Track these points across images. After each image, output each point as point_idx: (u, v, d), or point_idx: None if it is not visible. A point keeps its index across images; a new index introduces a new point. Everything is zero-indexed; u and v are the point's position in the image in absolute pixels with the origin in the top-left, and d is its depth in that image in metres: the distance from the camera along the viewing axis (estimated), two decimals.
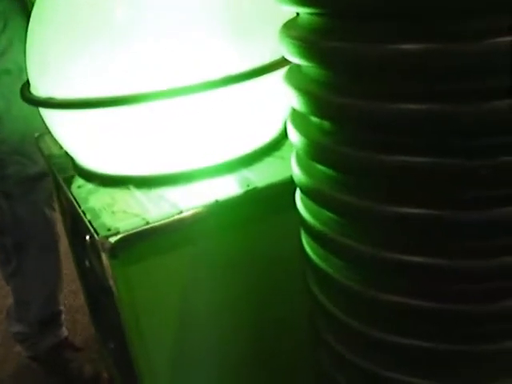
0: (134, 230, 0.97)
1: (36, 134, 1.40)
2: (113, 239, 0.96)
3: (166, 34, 1.02)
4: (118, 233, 0.97)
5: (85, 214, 1.04)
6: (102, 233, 0.98)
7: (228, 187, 1.06)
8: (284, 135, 1.17)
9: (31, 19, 1.16)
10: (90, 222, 1.01)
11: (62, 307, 1.81)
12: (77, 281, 1.81)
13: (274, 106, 1.13)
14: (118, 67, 1.01)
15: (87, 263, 1.27)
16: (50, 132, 1.34)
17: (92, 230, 1.00)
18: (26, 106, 1.49)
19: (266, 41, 1.07)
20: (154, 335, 1.07)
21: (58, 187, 1.33)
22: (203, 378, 1.11)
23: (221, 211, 1.02)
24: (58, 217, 1.70)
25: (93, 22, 1.04)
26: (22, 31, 1.49)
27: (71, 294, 1.92)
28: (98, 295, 1.34)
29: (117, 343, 1.33)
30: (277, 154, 1.14)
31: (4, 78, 1.48)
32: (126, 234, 0.97)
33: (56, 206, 1.69)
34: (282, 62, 1.06)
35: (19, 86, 1.47)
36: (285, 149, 1.15)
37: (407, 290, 0.74)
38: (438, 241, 0.71)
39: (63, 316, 1.82)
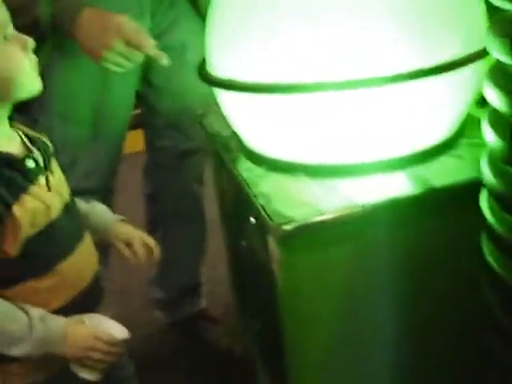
0: (308, 220, 0.97)
1: (199, 111, 1.42)
2: (287, 227, 0.96)
3: (353, 24, 1.00)
4: (292, 221, 0.97)
5: (256, 197, 1.05)
6: (276, 219, 0.98)
7: (401, 184, 1.04)
8: (461, 133, 1.13)
9: (211, 2, 1.17)
10: (262, 206, 1.02)
11: (202, 278, 1.85)
12: (217, 254, 1.85)
13: (452, 104, 1.09)
14: (300, 54, 1.01)
15: (243, 243, 1.29)
16: (214, 110, 1.38)
17: (265, 215, 1.00)
18: (184, 83, 1.54)
19: (455, 35, 1.03)
20: (312, 326, 1.07)
21: (220, 166, 1.35)
22: (356, 374, 1.11)
23: (395, 208, 1.00)
24: (206, 192, 1.75)
25: (279, 5, 1.04)
26: (189, 10, 1.53)
27: (211, 267, 1.96)
28: (251, 275, 1.36)
29: (265, 325, 1.35)
30: (453, 152, 1.10)
31: (168, 53, 1.51)
32: (300, 222, 0.97)
33: (204, 181, 1.73)
34: (466, 60, 1.03)
35: (180, 63, 1.52)
36: (462, 148, 1.11)
37: None
38: None
39: (203, 287, 1.87)
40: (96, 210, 1.19)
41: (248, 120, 1.13)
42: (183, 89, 1.55)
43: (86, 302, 1.07)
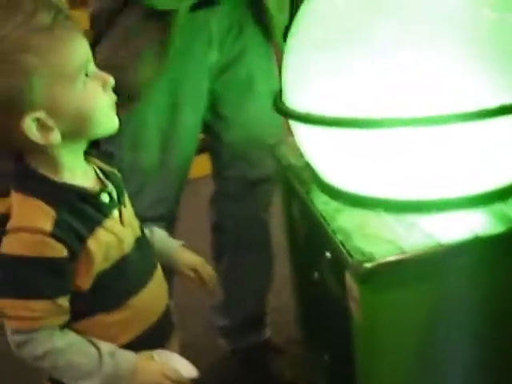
0: (389, 258, 0.96)
1: (271, 142, 1.42)
2: (368, 265, 0.95)
3: (430, 59, 0.98)
4: (373, 259, 0.95)
5: (335, 233, 1.04)
6: (356, 256, 0.97)
7: (483, 221, 1.01)
8: None
9: (292, 28, 1.17)
10: (341, 242, 1.01)
11: (267, 308, 1.84)
12: (281, 282, 1.84)
13: None
14: (380, 88, 1.00)
15: (316, 275, 1.28)
16: (286, 141, 1.38)
17: (344, 252, 0.99)
18: (253, 113, 1.54)
19: None
20: (387, 362, 1.05)
21: (292, 197, 1.35)
22: None
23: (477, 246, 0.98)
24: (272, 221, 1.74)
25: (357, 40, 1.03)
26: (257, 37, 1.53)
27: (274, 295, 1.94)
28: (321, 308, 1.34)
29: (335, 358, 1.33)
30: None
31: (235, 84, 1.52)
32: (381, 261, 0.95)
33: (271, 210, 1.73)
34: None
35: (249, 94, 1.52)
36: None
37: None
38: None
39: (268, 317, 1.86)
40: (157, 235, 1.18)
41: (325, 153, 1.12)
42: (252, 120, 1.55)
43: (156, 336, 1.07)
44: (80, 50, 0.92)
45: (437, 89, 0.98)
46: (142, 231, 1.08)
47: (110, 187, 1.02)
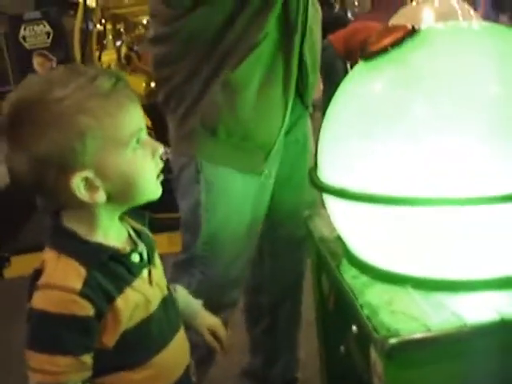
0: (414, 336, 0.96)
1: (305, 214, 1.45)
2: (392, 340, 0.95)
3: (463, 139, 1.01)
4: (398, 335, 0.96)
5: (362, 307, 1.05)
6: (381, 332, 0.97)
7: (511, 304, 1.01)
8: None
9: (330, 106, 1.22)
10: (368, 317, 1.02)
11: (300, 373, 1.83)
12: (304, 352, 1.83)
13: None
14: (413, 167, 1.02)
15: (342, 349, 1.28)
16: (320, 213, 1.40)
17: (369, 327, 1.00)
18: (305, 174, 1.58)
19: None
20: None
21: (322, 269, 1.36)
22: None
23: (504, 328, 0.97)
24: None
25: (388, 117, 1.07)
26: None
27: (301, 366, 1.94)
28: (346, 382, 1.33)
29: None
30: None
31: (292, 146, 1.57)
32: (406, 337, 0.96)
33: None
34: None
35: (303, 154, 1.57)
36: None
37: None
38: None
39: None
40: (179, 293, 1.21)
41: (356, 228, 1.14)
42: (304, 179, 1.58)
43: None
44: (135, 117, 0.97)
45: (468, 171, 1.00)
46: (169, 290, 1.10)
47: (141, 247, 1.05)
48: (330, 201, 1.19)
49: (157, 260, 1.09)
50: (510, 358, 0.99)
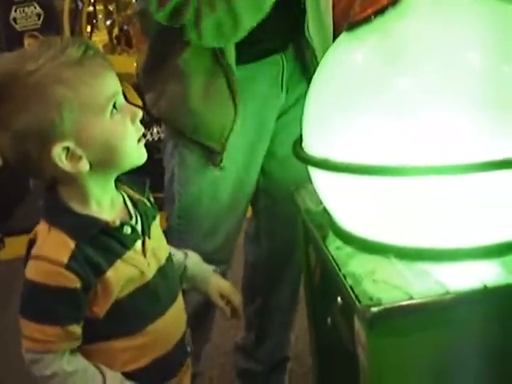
0: (396, 304, 0.96)
1: (292, 187, 1.45)
2: (374, 309, 0.95)
3: (445, 108, 1.01)
4: (379, 304, 0.96)
5: (345, 277, 1.04)
6: (364, 301, 0.97)
7: (496, 272, 1.01)
8: None
9: (313, 78, 1.21)
10: (351, 287, 1.01)
11: (290, 352, 1.84)
12: (296, 329, 1.84)
13: None
14: (395, 136, 1.02)
15: (329, 321, 1.28)
16: (306, 186, 1.40)
17: (352, 296, 1.00)
18: None
19: None
20: None
21: (309, 242, 1.36)
22: None
23: (488, 298, 0.98)
24: None
25: (373, 88, 1.06)
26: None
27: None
28: (334, 356, 1.34)
29: None
30: None
31: (293, 125, 1.53)
32: (388, 306, 0.96)
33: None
34: None
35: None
36: None
37: None
38: None
39: (289, 363, 1.85)
40: (192, 259, 1.21)
41: (340, 199, 1.14)
42: None
43: (169, 362, 1.08)
44: (109, 82, 0.97)
45: (451, 139, 1.00)
46: (168, 260, 1.10)
47: (134, 220, 1.05)
48: (315, 172, 1.18)
49: (154, 230, 1.09)
50: (492, 325, 0.99)
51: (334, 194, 1.15)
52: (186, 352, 1.14)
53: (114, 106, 0.97)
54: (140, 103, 2.27)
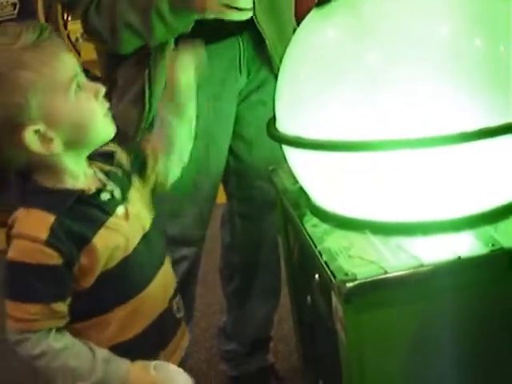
0: (371, 278, 0.97)
1: (270, 167, 1.45)
2: (349, 284, 0.96)
3: (416, 81, 1.01)
4: (354, 279, 0.96)
5: (321, 254, 1.05)
6: (339, 276, 0.98)
7: (469, 244, 1.02)
8: None
9: (284, 57, 1.20)
10: (326, 263, 1.02)
11: (272, 332, 1.84)
12: (279, 310, 1.85)
13: None
14: (367, 112, 1.02)
15: (309, 299, 1.29)
16: (283, 167, 1.40)
17: (328, 272, 1.00)
18: None
19: None
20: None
21: (288, 221, 1.36)
22: None
23: (463, 269, 0.98)
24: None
25: (344, 66, 1.06)
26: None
27: (276, 323, 1.95)
28: (315, 333, 1.35)
29: (329, 382, 1.33)
30: None
31: (259, 108, 1.56)
32: (363, 280, 0.96)
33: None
34: None
35: (270, 115, 1.56)
36: None
37: None
38: None
39: (272, 343, 1.86)
40: None
41: (314, 177, 1.14)
42: (272, 143, 1.58)
43: (160, 330, 1.09)
44: (69, 62, 0.98)
45: (421, 113, 1.00)
46: (152, 226, 1.10)
47: (111, 185, 1.05)
48: (289, 151, 1.18)
49: (133, 196, 1.09)
50: (467, 295, 1.00)
51: (309, 172, 1.16)
52: (176, 319, 1.14)
53: (78, 85, 0.97)
54: None
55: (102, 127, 1.01)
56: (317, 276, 1.13)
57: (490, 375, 1.04)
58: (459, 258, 0.98)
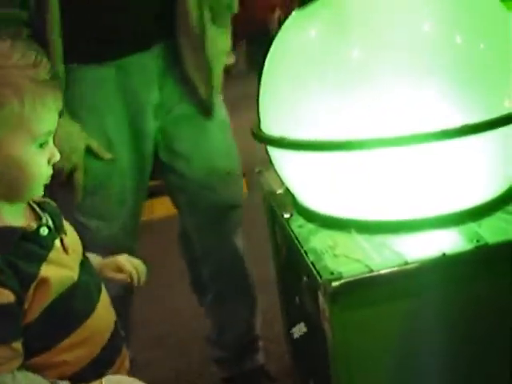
0: (357, 277, 0.97)
1: (256, 170, 1.45)
2: (335, 283, 0.96)
3: (399, 81, 1.01)
4: (340, 277, 0.97)
5: (307, 254, 1.05)
6: (325, 276, 0.98)
7: (454, 240, 1.02)
8: None
9: (267, 58, 1.21)
10: (312, 263, 1.02)
11: (258, 331, 1.84)
12: (271, 310, 1.85)
13: (506, 160, 1.08)
14: (349, 112, 1.03)
15: (297, 300, 1.29)
16: (269, 168, 1.40)
17: (314, 272, 1.01)
18: (208, 146, 1.57)
19: (507, 91, 1.03)
20: (363, 381, 1.06)
21: (275, 222, 1.37)
22: None
23: (448, 265, 0.99)
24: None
25: (326, 66, 1.07)
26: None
27: (265, 324, 1.94)
28: (304, 333, 1.35)
29: (319, 381, 1.33)
30: (507, 209, 1.08)
31: (183, 121, 1.55)
32: (349, 279, 0.97)
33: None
34: None
35: (199, 128, 1.55)
36: None
37: None
38: None
39: (260, 342, 1.85)
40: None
41: (298, 177, 1.15)
42: (208, 151, 1.57)
43: (110, 351, 1.07)
44: (52, 119, 0.96)
45: (404, 111, 1.00)
46: (84, 254, 1.09)
47: (46, 219, 1.03)
48: (273, 152, 1.19)
49: (67, 226, 1.08)
50: (452, 291, 1.00)
51: (293, 173, 1.16)
52: (121, 337, 1.13)
53: (42, 143, 0.96)
54: None
55: (37, 189, 0.99)
56: (304, 277, 1.13)
57: (476, 369, 1.04)
58: (444, 254, 0.98)
